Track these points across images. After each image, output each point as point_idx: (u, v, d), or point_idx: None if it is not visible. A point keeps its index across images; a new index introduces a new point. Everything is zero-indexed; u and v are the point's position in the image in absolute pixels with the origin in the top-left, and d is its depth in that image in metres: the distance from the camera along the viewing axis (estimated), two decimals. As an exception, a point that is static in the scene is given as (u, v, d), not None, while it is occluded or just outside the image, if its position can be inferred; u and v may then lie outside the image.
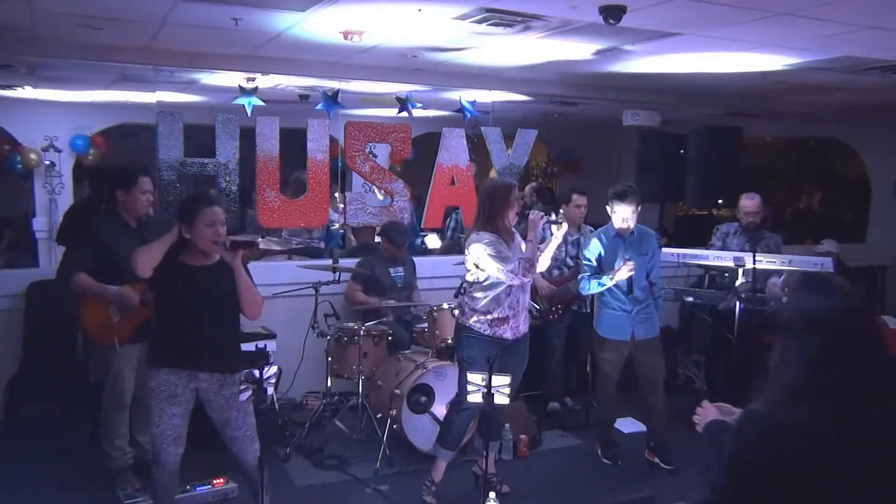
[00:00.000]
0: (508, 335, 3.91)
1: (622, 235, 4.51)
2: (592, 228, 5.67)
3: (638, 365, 4.64)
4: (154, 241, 3.23)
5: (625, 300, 4.53)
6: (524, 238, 4.01)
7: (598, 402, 5.03)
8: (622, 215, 4.46)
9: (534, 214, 3.89)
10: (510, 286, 3.84)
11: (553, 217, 4.01)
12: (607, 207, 4.57)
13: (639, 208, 4.49)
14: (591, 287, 4.53)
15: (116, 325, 3.82)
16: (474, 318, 3.90)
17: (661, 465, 4.63)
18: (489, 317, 3.87)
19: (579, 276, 4.68)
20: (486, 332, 3.88)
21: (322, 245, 6.76)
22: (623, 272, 4.36)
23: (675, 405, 4.85)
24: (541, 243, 4.06)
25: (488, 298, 3.87)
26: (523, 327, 4.00)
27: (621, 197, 4.46)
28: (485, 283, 3.87)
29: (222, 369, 3.28)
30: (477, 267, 3.88)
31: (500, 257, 3.78)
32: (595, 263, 4.55)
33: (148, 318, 3.67)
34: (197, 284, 3.21)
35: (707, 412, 2.17)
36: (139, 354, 3.84)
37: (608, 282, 4.42)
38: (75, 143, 8.60)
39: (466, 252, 3.93)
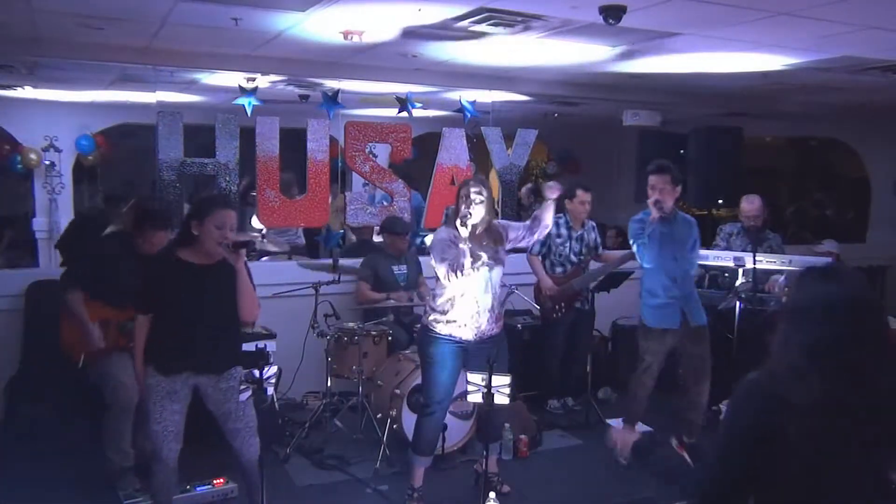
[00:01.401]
0: (469, 336, 3.73)
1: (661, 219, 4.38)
2: (595, 224, 5.67)
3: (687, 356, 4.54)
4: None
5: (671, 286, 4.44)
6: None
7: (631, 395, 4.66)
8: (657, 186, 4.38)
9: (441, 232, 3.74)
10: (465, 288, 3.67)
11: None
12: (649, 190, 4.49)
13: (678, 187, 4.45)
14: (647, 254, 4.39)
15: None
16: (432, 317, 3.78)
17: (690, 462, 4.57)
18: (445, 317, 3.72)
19: (636, 250, 4.49)
20: (444, 333, 3.73)
21: (302, 240, 6.77)
22: (655, 213, 4.32)
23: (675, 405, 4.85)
24: (534, 220, 3.88)
25: (444, 297, 3.73)
26: (488, 328, 3.76)
27: (656, 169, 4.43)
28: (439, 281, 3.75)
29: (220, 367, 3.29)
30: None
31: (439, 255, 3.65)
32: (642, 232, 4.42)
33: (122, 346, 3.82)
34: (198, 283, 3.21)
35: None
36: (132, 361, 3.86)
37: (649, 228, 4.33)
38: (81, 144, 8.61)
39: None
